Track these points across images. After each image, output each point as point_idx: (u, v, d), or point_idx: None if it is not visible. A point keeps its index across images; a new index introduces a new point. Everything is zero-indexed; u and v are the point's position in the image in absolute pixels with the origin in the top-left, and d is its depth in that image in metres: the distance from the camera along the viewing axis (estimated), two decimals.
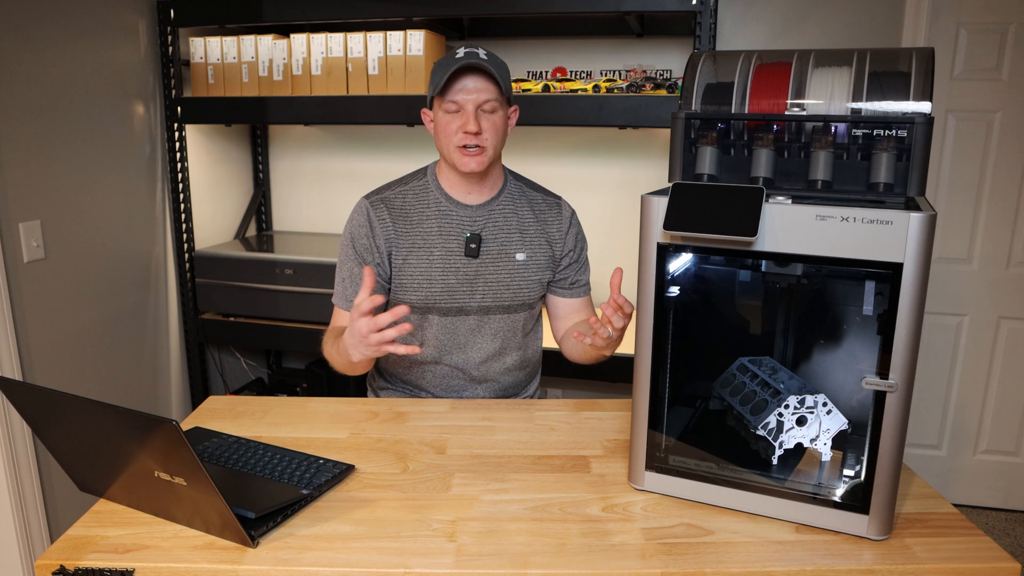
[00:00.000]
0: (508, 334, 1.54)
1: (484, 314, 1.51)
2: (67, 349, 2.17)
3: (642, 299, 1.07)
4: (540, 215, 1.55)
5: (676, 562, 0.94)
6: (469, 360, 1.53)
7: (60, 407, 0.97)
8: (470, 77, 1.39)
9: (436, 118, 1.45)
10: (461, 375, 1.54)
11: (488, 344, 1.53)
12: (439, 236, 1.49)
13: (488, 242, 1.50)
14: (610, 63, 2.68)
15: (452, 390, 1.56)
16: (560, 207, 1.58)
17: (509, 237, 1.52)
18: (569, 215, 1.58)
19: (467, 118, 1.39)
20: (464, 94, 1.39)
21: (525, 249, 1.52)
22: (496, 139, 1.43)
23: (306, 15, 2.39)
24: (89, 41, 2.22)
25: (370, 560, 0.94)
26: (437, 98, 1.43)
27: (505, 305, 1.52)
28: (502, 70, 1.43)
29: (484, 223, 1.50)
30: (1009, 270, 2.60)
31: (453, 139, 1.41)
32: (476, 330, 1.52)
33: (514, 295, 1.52)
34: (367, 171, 2.98)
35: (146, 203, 2.51)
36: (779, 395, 1.04)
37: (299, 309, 2.52)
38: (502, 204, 1.53)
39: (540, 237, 1.54)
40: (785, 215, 0.96)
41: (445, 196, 1.51)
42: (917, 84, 0.99)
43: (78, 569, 0.93)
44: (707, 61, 1.12)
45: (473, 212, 1.50)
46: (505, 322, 1.53)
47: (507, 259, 1.51)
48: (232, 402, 1.46)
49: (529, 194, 1.57)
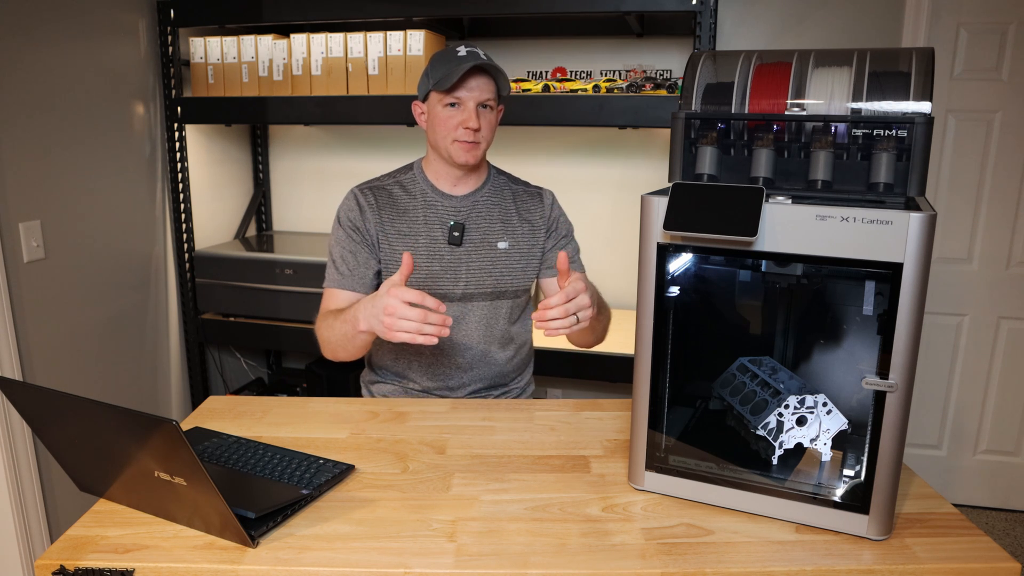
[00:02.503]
0: (491, 321, 1.57)
1: (467, 301, 1.55)
2: (67, 349, 2.17)
3: (642, 299, 1.07)
4: (522, 204, 1.61)
5: (676, 562, 0.94)
6: (454, 347, 1.56)
7: (60, 407, 0.97)
8: (474, 76, 1.45)
9: (433, 111, 1.50)
10: (446, 363, 1.57)
11: (472, 331, 1.56)
12: (424, 225, 1.54)
13: (471, 231, 1.55)
14: (610, 63, 2.68)
15: (438, 377, 1.58)
16: (541, 195, 1.65)
17: (492, 226, 1.57)
18: (550, 201, 1.64)
19: (469, 115, 1.45)
20: (467, 92, 1.45)
21: (507, 238, 1.57)
22: (490, 135, 1.52)
23: (306, 15, 2.39)
24: (89, 41, 2.22)
25: (370, 560, 0.94)
26: (437, 92, 1.47)
27: (487, 292, 1.56)
28: (499, 70, 1.50)
29: (468, 213, 1.56)
30: (1009, 270, 2.60)
31: (452, 133, 1.47)
32: (460, 318, 1.55)
33: (496, 282, 1.56)
34: (367, 171, 2.95)
35: (146, 203, 2.51)
36: (779, 395, 1.04)
37: (299, 309, 2.53)
38: (485, 195, 1.59)
39: (523, 225, 1.59)
40: (785, 215, 0.96)
41: (431, 187, 1.56)
42: (917, 84, 0.99)
43: (78, 569, 0.93)
44: (707, 61, 1.12)
45: (457, 202, 1.56)
46: (488, 309, 1.57)
47: (489, 247, 1.56)
48: (232, 402, 1.46)
49: (511, 186, 1.64)
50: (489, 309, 1.57)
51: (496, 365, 1.60)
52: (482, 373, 1.59)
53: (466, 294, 1.55)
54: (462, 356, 1.57)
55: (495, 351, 1.59)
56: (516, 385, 1.67)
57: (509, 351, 1.61)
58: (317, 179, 3.06)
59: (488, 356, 1.58)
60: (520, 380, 1.68)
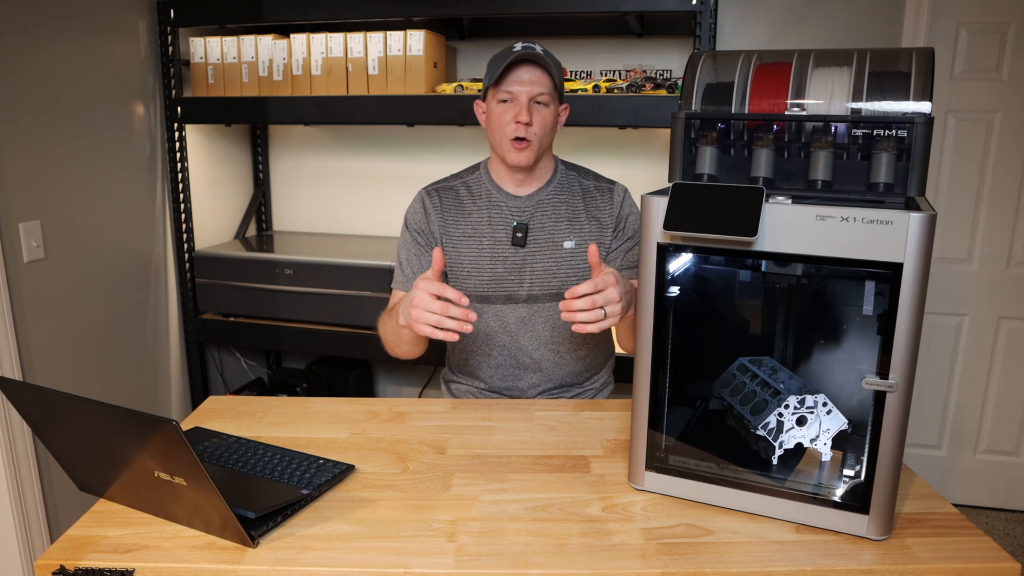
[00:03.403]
0: (559, 322, 1.54)
1: (533, 302, 1.53)
2: (67, 349, 2.17)
3: (642, 299, 1.07)
4: (591, 201, 1.57)
5: (676, 562, 0.94)
6: (522, 348, 1.55)
7: (60, 407, 0.97)
8: (525, 69, 1.43)
9: (489, 109, 1.49)
10: (515, 363, 1.56)
11: (539, 333, 1.55)
12: (488, 226, 1.53)
13: (535, 231, 1.53)
14: (610, 63, 2.68)
15: (508, 379, 1.57)
16: (612, 190, 1.58)
17: (557, 226, 1.54)
18: (621, 198, 1.57)
19: (520, 108, 1.43)
20: (519, 85, 1.43)
21: (574, 237, 1.54)
22: (544, 133, 1.47)
23: (306, 15, 2.39)
24: (89, 41, 2.22)
25: (370, 560, 0.94)
26: (492, 88, 1.46)
27: (554, 293, 1.53)
28: (557, 66, 1.47)
29: (532, 213, 1.54)
30: (1009, 270, 2.60)
31: (506, 130, 1.45)
32: (527, 319, 1.54)
33: (562, 283, 1.53)
34: (367, 171, 2.99)
35: (146, 203, 2.51)
36: (779, 395, 1.04)
37: (299, 309, 2.52)
38: (551, 194, 1.55)
39: (591, 223, 1.55)
40: (785, 215, 0.96)
41: (496, 187, 1.55)
42: (917, 84, 0.99)
43: (78, 569, 0.93)
44: (707, 61, 1.12)
45: (521, 203, 1.54)
46: (555, 310, 1.53)
47: (554, 247, 1.53)
48: (232, 402, 1.46)
49: (582, 182, 1.59)
50: (556, 310, 1.53)
51: (567, 365, 1.58)
52: (553, 374, 1.57)
53: (531, 295, 1.53)
54: (530, 357, 1.55)
55: (566, 352, 1.57)
56: (592, 385, 1.64)
57: (582, 351, 1.59)
58: (317, 179, 3.06)
59: (559, 357, 1.57)
60: (596, 380, 1.65)
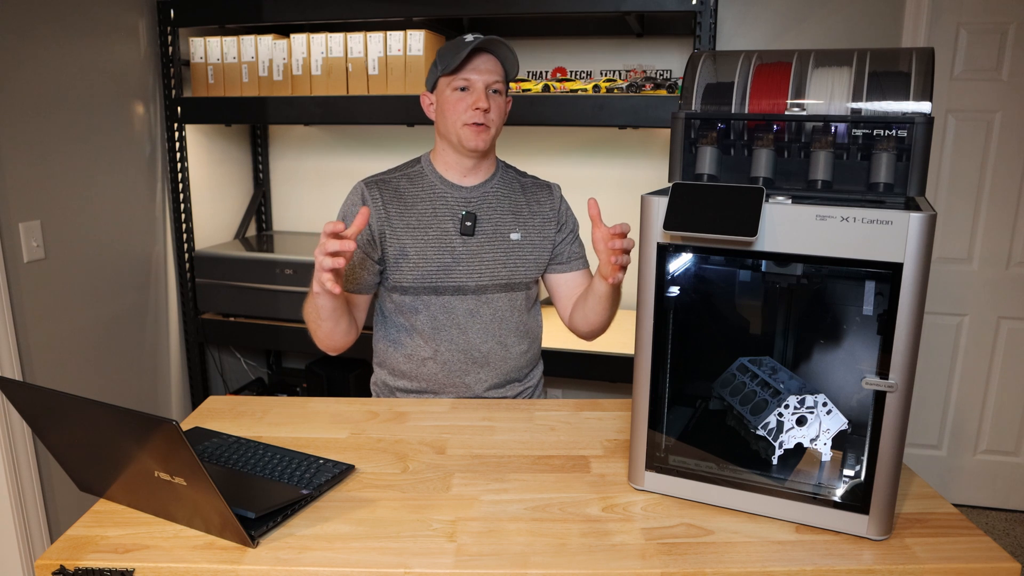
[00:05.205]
0: (506, 313, 1.56)
1: (481, 293, 1.54)
2: (67, 349, 2.17)
3: (642, 299, 1.07)
4: (532, 196, 1.61)
5: (676, 562, 0.94)
6: (470, 342, 1.54)
7: (60, 407, 0.97)
8: (482, 58, 1.46)
9: (442, 97, 1.49)
10: (463, 358, 1.54)
11: (487, 324, 1.55)
12: (434, 217, 1.53)
13: (483, 221, 1.54)
14: (610, 63, 2.68)
15: (455, 374, 1.55)
16: (551, 188, 1.65)
17: (503, 218, 1.56)
18: (559, 195, 1.65)
19: (479, 95, 1.45)
20: (476, 73, 1.45)
21: (519, 229, 1.56)
22: (499, 120, 1.51)
23: (306, 15, 2.39)
24: (89, 41, 2.22)
25: (370, 560, 0.94)
26: (445, 77, 1.47)
27: (502, 284, 1.54)
28: (512, 56, 1.49)
29: (479, 204, 1.55)
30: (1009, 270, 2.60)
31: (462, 116, 1.46)
32: (474, 311, 1.54)
33: (511, 273, 1.55)
34: (367, 171, 2.93)
35: (146, 203, 2.51)
36: (779, 395, 1.04)
37: (299, 309, 2.48)
38: (495, 187, 1.58)
39: (534, 217, 1.59)
40: (785, 215, 0.96)
41: (440, 179, 1.55)
42: (917, 84, 0.99)
43: (78, 569, 0.93)
44: (707, 61, 1.12)
45: (467, 193, 1.55)
46: (503, 301, 1.55)
47: (501, 238, 1.55)
48: (232, 402, 1.46)
49: (520, 179, 1.64)
50: (505, 301, 1.55)
51: (512, 360, 1.58)
52: (500, 368, 1.57)
53: (480, 286, 1.53)
54: (479, 351, 1.55)
55: (512, 344, 1.58)
56: (531, 382, 1.65)
57: (524, 344, 1.60)
58: (317, 179, 3.06)
59: (505, 351, 1.57)
60: (533, 376, 1.66)
